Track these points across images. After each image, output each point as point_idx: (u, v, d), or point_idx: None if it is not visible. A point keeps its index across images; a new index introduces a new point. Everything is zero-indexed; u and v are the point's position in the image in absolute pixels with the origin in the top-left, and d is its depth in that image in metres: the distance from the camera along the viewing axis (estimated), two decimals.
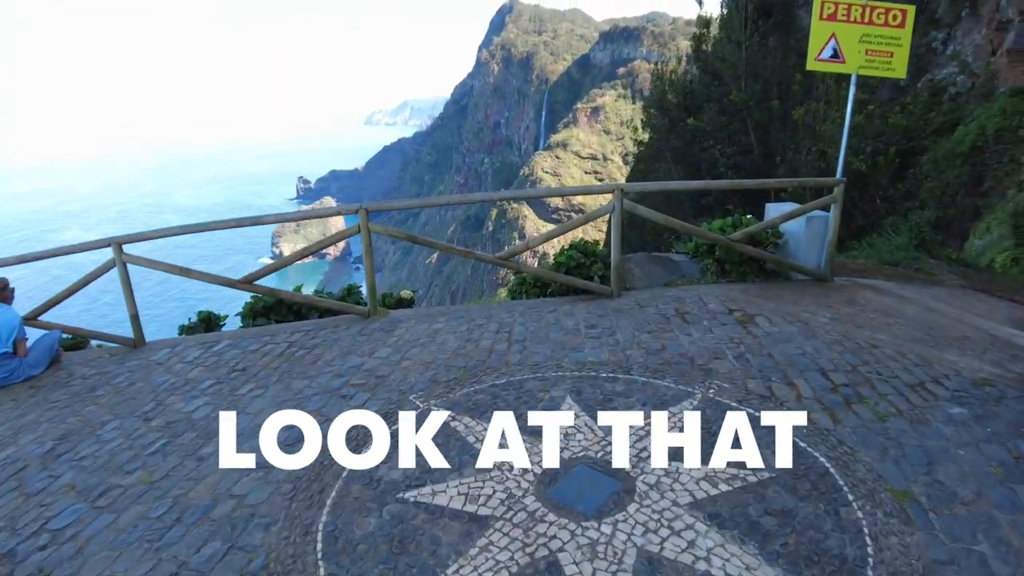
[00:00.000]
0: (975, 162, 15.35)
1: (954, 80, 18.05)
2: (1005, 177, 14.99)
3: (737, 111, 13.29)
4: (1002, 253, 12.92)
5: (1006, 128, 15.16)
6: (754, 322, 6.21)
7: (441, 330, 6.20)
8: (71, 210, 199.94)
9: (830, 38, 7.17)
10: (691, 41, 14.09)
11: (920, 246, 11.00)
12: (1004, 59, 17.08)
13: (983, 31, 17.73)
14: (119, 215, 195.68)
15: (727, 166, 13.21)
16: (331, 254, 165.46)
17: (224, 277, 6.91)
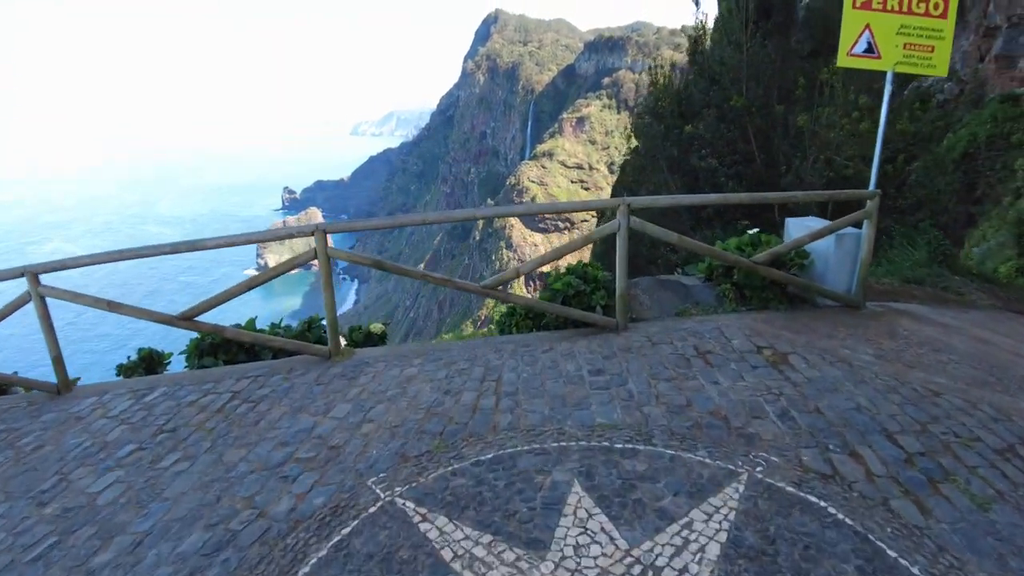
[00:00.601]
0: (967, 169, 14.52)
1: (941, 87, 17.29)
2: (998, 184, 14.20)
3: (737, 117, 12.30)
4: (1005, 263, 12.08)
5: (997, 134, 14.38)
6: (788, 363, 5.15)
7: (414, 377, 5.07)
8: (53, 221, 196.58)
9: (864, 30, 6.16)
10: (687, 42, 13.11)
11: (941, 261, 10.05)
12: (992, 65, 16.37)
13: (971, 38, 17.03)
14: (103, 226, 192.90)
15: (728, 176, 12.21)
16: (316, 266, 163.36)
17: (159, 313, 5.75)
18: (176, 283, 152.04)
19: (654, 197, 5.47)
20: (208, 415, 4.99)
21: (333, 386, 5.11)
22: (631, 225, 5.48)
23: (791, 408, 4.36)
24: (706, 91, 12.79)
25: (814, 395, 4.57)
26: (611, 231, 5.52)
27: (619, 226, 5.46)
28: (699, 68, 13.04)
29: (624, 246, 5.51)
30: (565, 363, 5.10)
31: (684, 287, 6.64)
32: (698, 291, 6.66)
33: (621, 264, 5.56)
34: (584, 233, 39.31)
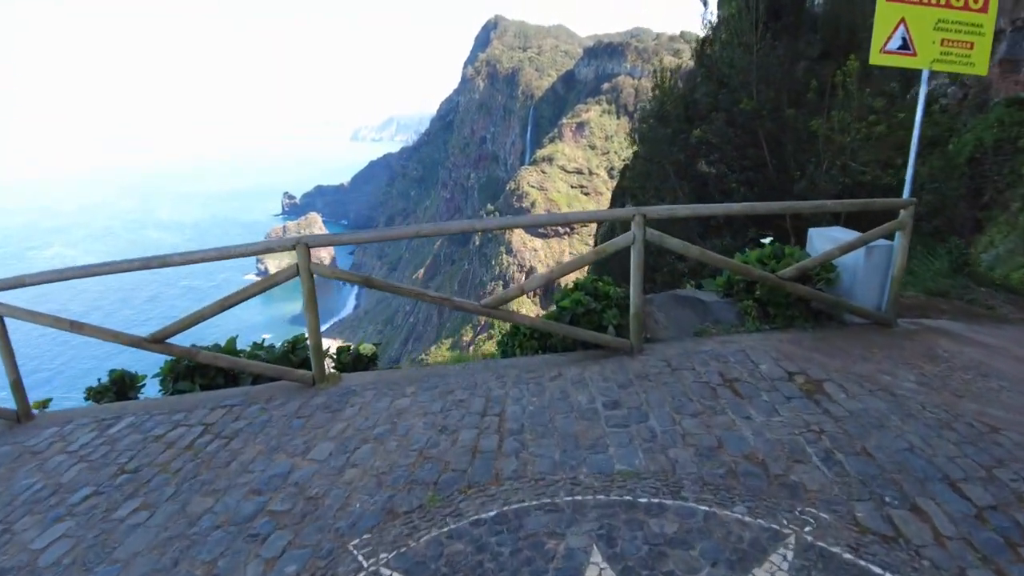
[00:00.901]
0: (973, 174, 14.06)
1: (944, 91, 16.86)
2: (1007, 189, 13.75)
3: (748, 121, 11.78)
4: (1017, 270, 11.59)
5: (1004, 139, 13.94)
6: (824, 392, 4.60)
7: (406, 410, 4.50)
8: (54, 226, 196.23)
9: (899, 24, 5.62)
10: (688, 47, 12.58)
11: (965, 272, 9.52)
12: (996, 69, 16.02)
13: None
14: (103, 231, 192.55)
15: (739, 182, 11.68)
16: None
17: (127, 335, 5.20)
18: (177, 288, 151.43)
19: (672, 207, 4.91)
20: (175, 453, 4.42)
21: (315, 420, 4.54)
22: (647, 238, 4.93)
23: (836, 449, 3.80)
24: (714, 94, 12.28)
25: (859, 432, 4.02)
26: (625, 244, 4.96)
27: (634, 239, 4.91)
28: (706, 70, 12.54)
29: (639, 261, 4.96)
30: (576, 393, 4.54)
31: (702, 303, 6.08)
32: (717, 308, 6.10)
33: (636, 280, 5.01)
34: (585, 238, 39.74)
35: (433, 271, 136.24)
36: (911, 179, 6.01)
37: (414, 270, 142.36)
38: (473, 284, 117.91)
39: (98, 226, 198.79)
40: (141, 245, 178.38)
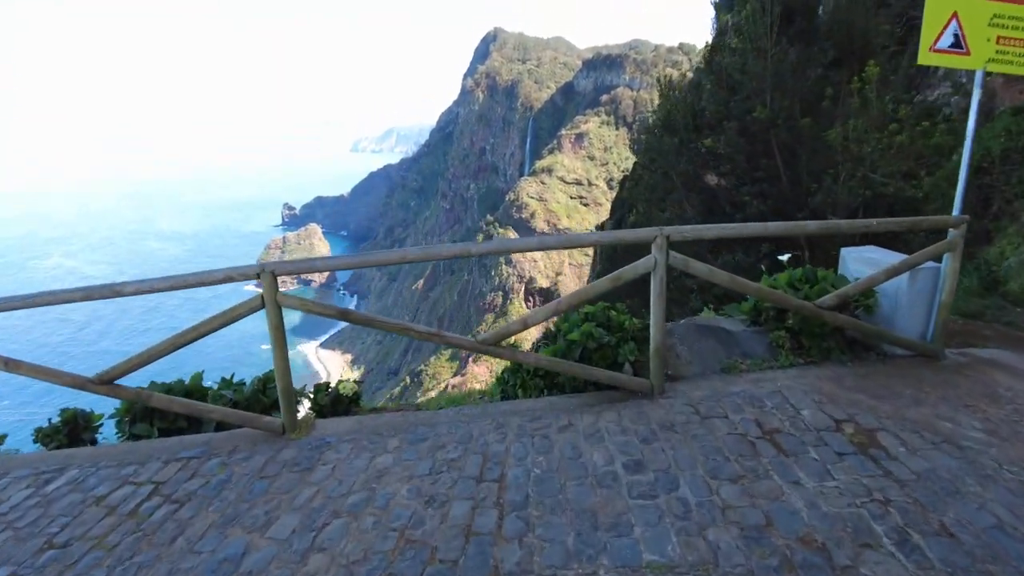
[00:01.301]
0: (981, 184, 13.52)
1: (947, 100, 16.35)
2: (1015, 199, 13.17)
3: (761, 131, 11.13)
4: None
5: (1012, 148, 13.40)
6: (880, 445, 3.89)
7: (388, 471, 3.77)
8: (54, 236, 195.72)
9: (950, 20, 4.95)
10: (700, 53, 11.94)
11: (998, 291, 8.84)
12: (1000, 78, 15.56)
13: None
14: (103, 241, 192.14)
15: (751, 194, 11.01)
16: (316, 281, 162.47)
17: (70, 375, 4.49)
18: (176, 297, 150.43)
19: (699, 228, 4.23)
20: (116, 521, 3.70)
21: (281, 482, 3.81)
22: (670, 262, 4.24)
23: (909, 527, 3.08)
24: (724, 102, 11.63)
25: (932, 501, 3.30)
26: (645, 270, 4.26)
27: (655, 263, 4.21)
28: (716, 78, 11.90)
29: (661, 290, 4.26)
30: (591, 450, 3.81)
31: (728, 334, 5.37)
32: (745, 339, 5.39)
33: (657, 312, 4.31)
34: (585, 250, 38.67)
35: (432, 281, 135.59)
36: (962, 194, 5.32)
37: (414, 280, 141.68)
38: (473, 294, 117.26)
39: (98, 236, 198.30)
40: (141, 255, 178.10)
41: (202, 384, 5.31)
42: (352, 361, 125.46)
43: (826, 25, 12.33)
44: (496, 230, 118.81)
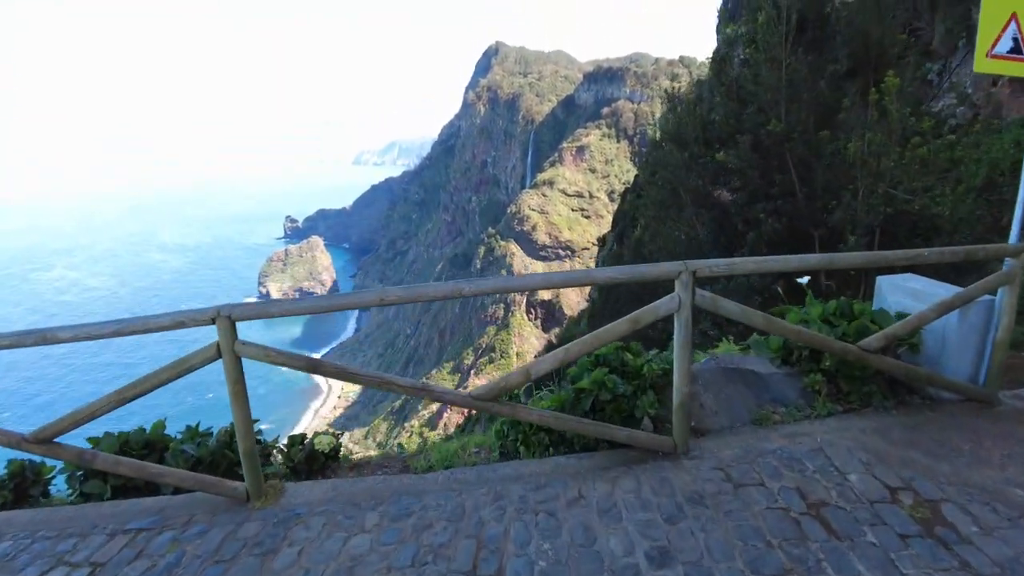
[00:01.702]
0: (990, 197, 12.93)
1: (953, 112, 15.88)
2: None
3: (775, 144, 10.55)
4: None
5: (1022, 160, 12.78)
6: (947, 522, 3.24)
7: (364, 559, 3.12)
8: (57, 248, 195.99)
9: (1009, 21, 4.36)
10: (711, 63, 11.39)
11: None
12: (1006, 90, 15.02)
13: None
14: (106, 253, 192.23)
15: (767, 211, 10.40)
16: (318, 293, 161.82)
17: (1, 432, 3.87)
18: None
19: (732, 261, 3.61)
20: None
21: (239, 568, 3.18)
22: (697, 301, 3.61)
23: None
24: (736, 115, 11.07)
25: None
26: (668, 311, 3.64)
27: (679, 303, 3.59)
28: (726, 89, 11.34)
29: (687, 334, 3.64)
30: (606, 533, 3.16)
31: (756, 377, 4.74)
32: (776, 383, 4.75)
33: (681, 361, 3.68)
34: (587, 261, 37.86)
35: None
36: (1021, 219, 4.69)
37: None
38: (474, 307, 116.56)
39: (101, 248, 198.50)
40: (144, 267, 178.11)
41: (164, 434, 4.69)
42: None
43: (841, 35, 11.79)
44: (498, 242, 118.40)
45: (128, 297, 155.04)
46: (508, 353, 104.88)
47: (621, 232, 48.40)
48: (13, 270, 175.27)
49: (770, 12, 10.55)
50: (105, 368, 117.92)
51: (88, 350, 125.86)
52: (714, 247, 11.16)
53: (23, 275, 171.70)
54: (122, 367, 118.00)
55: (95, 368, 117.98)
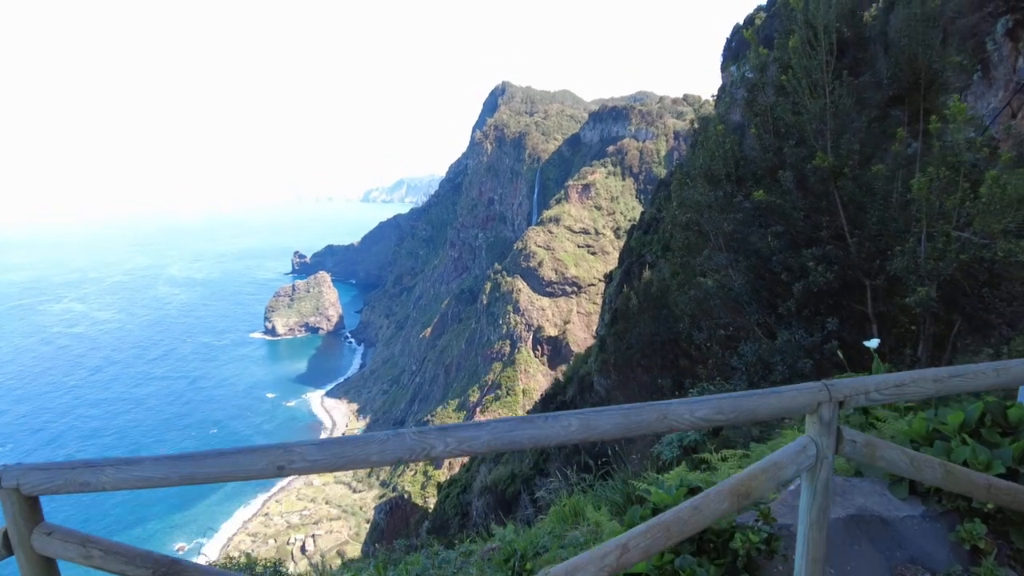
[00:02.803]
0: None
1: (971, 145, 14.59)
2: None
3: (821, 181, 9.05)
4: None
5: None
6: None
7: None
8: (66, 281, 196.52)
9: None
10: (744, 91, 9.98)
11: None
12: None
13: (999, 94, 14.58)
14: (116, 286, 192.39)
15: (816, 259, 8.84)
16: (324, 328, 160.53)
17: None
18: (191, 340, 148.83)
19: (901, 378, 1.94)
20: None
21: None
22: (845, 450, 2.04)
23: None
24: (775, 148, 9.60)
25: None
26: (795, 469, 2.06)
27: (815, 455, 2.01)
28: (761, 120, 9.91)
29: (824, 504, 2.06)
30: None
31: (884, 526, 3.12)
32: (911, 532, 3.13)
33: (815, 549, 2.09)
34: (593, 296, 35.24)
35: (441, 329, 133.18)
36: None
37: (421, 328, 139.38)
38: (480, 342, 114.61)
39: (111, 282, 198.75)
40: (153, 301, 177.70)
41: None
42: (358, 410, 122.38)
43: (884, 58, 10.38)
44: (504, 278, 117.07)
45: (137, 331, 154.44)
46: (514, 390, 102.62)
47: (628, 269, 46.85)
48: (24, 302, 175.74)
49: (802, 33, 9.16)
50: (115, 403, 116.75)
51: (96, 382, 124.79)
52: (752, 299, 9.57)
53: (32, 307, 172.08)
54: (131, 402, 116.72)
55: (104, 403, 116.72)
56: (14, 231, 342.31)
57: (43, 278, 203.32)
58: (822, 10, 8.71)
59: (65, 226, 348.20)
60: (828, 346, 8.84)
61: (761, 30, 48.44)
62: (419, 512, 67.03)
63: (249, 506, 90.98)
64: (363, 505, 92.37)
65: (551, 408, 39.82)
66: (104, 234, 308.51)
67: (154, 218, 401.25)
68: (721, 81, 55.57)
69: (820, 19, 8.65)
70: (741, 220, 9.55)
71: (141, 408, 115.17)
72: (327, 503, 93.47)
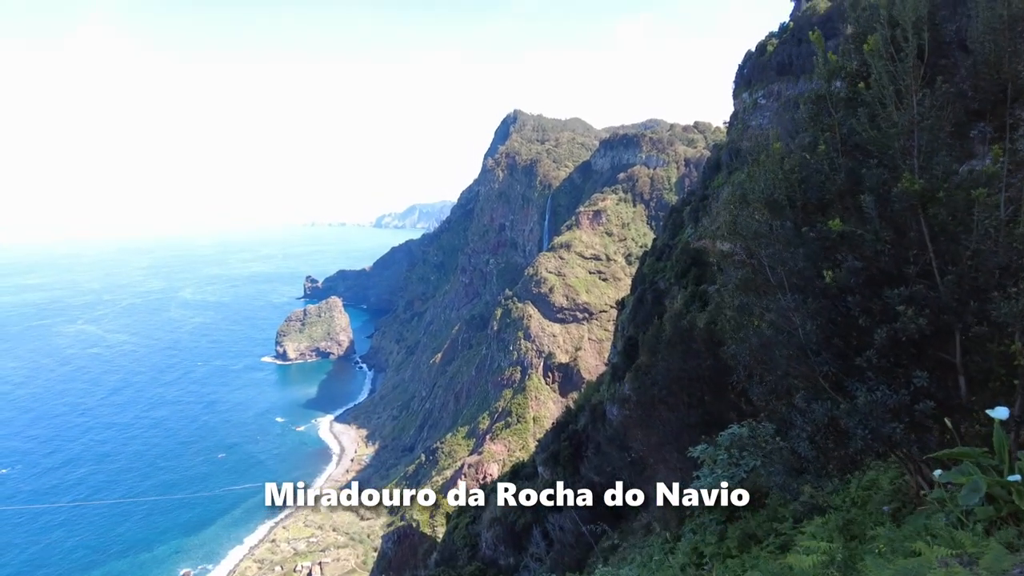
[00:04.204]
0: None
1: None
2: None
3: (910, 209, 7.49)
4: None
5: None
6: None
7: None
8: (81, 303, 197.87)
9: None
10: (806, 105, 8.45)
11: None
12: None
13: None
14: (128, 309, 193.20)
15: (905, 300, 7.24)
16: (335, 353, 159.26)
17: None
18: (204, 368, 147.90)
19: None
20: None
21: None
22: None
23: None
24: (849, 170, 8.07)
25: None
26: None
27: None
28: (830, 136, 8.41)
29: None
30: None
31: None
32: None
33: None
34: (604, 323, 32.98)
35: (451, 355, 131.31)
36: None
37: (432, 354, 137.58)
38: (491, 369, 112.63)
39: (124, 304, 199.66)
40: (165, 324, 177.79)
41: None
42: (367, 436, 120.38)
43: (970, 66, 8.87)
44: (515, 304, 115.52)
45: (151, 354, 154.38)
46: (525, 417, 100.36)
47: (641, 296, 45.21)
48: (40, 322, 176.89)
49: (885, 33, 7.70)
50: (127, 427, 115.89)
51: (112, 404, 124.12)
52: (824, 348, 7.95)
53: (47, 327, 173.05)
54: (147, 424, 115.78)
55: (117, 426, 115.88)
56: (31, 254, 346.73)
57: (59, 299, 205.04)
58: (910, 4, 7.26)
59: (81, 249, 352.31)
60: (920, 407, 7.22)
61: (774, 56, 47.22)
62: (427, 542, 64.77)
63: (256, 532, 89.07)
64: (371, 533, 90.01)
65: (562, 437, 37.93)
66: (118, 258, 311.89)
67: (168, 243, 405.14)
68: (733, 108, 54.32)
69: (909, 15, 7.20)
70: (806, 255, 8.02)
71: (158, 430, 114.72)
72: (334, 530, 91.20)
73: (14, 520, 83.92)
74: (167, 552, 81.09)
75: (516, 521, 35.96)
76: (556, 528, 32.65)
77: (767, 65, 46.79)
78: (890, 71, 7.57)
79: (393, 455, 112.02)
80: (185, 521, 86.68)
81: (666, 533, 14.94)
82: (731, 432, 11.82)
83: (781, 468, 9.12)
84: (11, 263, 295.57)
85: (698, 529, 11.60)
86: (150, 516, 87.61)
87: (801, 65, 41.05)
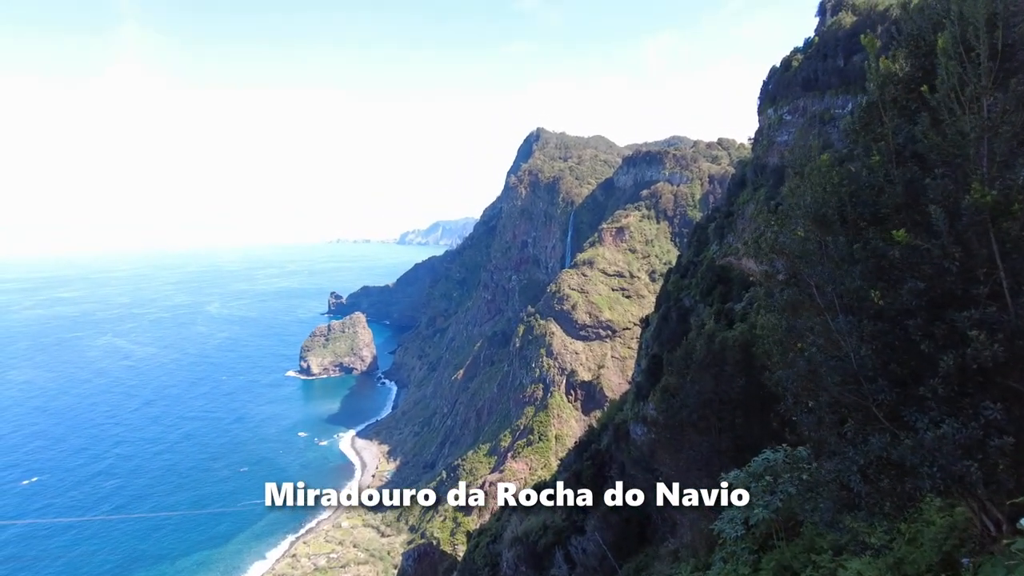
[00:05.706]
0: None
1: None
2: None
3: (980, 223, 6.74)
4: None
5: None
6: None
7: None
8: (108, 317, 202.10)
9: None
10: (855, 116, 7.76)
11: None
12: None
13: None
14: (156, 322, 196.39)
15: (975, 324, 6.47)
16: (358, 368, 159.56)
17: None
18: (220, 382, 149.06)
19: None
20: None
21: None
22: None
23: None
24: (904, 181, 7.37)
25: None
26: None
27: None
28: (884, 145, 7.72)
29: None
30: None
31: None
32: None
33: None
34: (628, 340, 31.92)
35: (473, 371, 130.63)
36: None
37: (454, 371, 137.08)
38: (513, 386, 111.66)
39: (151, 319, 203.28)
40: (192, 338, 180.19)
41: None
42: (389, 452, 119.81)
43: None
44: (537, 321, 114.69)
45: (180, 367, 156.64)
46: (547, 435, 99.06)
47: (665, 313, 44.22)
48: (72, 334, 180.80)
49: (955, 31, 7.01)
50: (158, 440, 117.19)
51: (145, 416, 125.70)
52: (880, 374, 7.20)
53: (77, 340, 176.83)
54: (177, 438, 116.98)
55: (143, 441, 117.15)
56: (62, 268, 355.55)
57: (89, 312, 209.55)
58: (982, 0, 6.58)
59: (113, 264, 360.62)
60: (996, 443, 6.44)
61: (799, 72, 46.28)
62: (448, 560, 63.79)
63: (279, 547, 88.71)
64: (391, 550, 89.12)
65: (585, 456, 37.11)
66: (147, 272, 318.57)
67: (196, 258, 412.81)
68: (758, 124, 53.40)
69: (981, 11, 6.52)
70: (862, 273, 7.31)
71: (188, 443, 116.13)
72: (355, 546, 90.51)
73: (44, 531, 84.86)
74: (188, 565, 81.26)
75: (538, 542, 35.02)
76: (579, 551, 31.70)
77: (792, 81, 45.83)
78: (959, 73, 6.85)
79: (414, 471, 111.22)
80: (210, 536, 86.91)
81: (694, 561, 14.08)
82: (764, 457, 11.04)
83: (831, 504, 8.21)
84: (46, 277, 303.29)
85: (729, 558, 10.82)
86: (176, 530, 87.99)
87: (827, 80, 40.03)
